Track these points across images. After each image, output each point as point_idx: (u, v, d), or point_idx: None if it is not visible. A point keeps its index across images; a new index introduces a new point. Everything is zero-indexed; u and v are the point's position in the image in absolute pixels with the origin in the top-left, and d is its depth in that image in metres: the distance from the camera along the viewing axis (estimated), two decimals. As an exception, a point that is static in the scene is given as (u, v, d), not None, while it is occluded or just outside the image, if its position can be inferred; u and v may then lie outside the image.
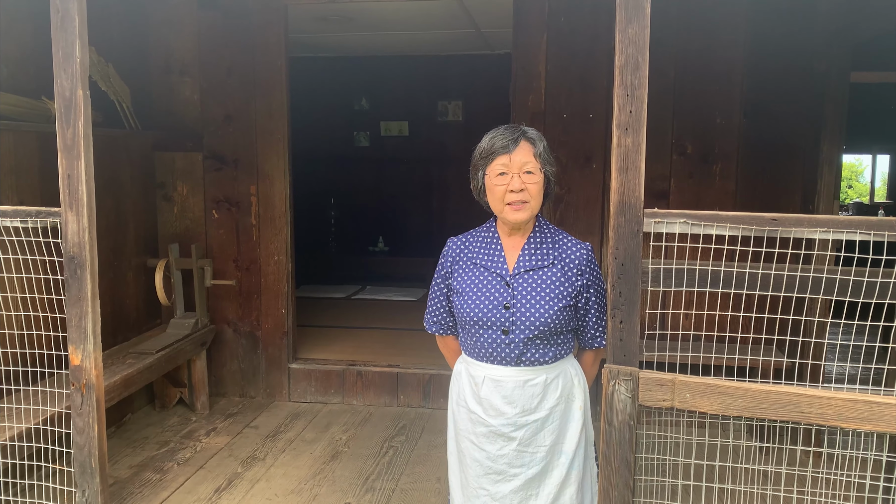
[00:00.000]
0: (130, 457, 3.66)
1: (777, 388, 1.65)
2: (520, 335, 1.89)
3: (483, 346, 1.95)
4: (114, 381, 3.34)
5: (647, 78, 1.74)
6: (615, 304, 1.79)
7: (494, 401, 1.95)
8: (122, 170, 4.10)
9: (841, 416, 1.62)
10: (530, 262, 1.94)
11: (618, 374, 1.78)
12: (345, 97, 8.07)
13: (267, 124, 4.31)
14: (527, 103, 4.05)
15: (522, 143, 1.90)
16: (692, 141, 3.96)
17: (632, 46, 1.73)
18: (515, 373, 1.93)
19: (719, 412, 1.70)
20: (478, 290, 1.95)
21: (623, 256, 1.78)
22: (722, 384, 1.69)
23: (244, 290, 4.45)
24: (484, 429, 1.97)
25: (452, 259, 2.05)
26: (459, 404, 2.06)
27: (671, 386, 1.74)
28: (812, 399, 1.63)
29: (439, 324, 2.14)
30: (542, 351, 1.93)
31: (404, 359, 4.59)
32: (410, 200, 8.13)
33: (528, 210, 1.90)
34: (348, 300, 6.72)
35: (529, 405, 1.93)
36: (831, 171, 3.54)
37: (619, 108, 1.75)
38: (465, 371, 2.05)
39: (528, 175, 1.89)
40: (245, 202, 4.39)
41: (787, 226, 1.71)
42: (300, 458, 3.67)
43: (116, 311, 4.04)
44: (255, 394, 4.52)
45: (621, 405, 1.79)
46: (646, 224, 1.77)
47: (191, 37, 4.33)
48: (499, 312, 1.91)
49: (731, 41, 3.86)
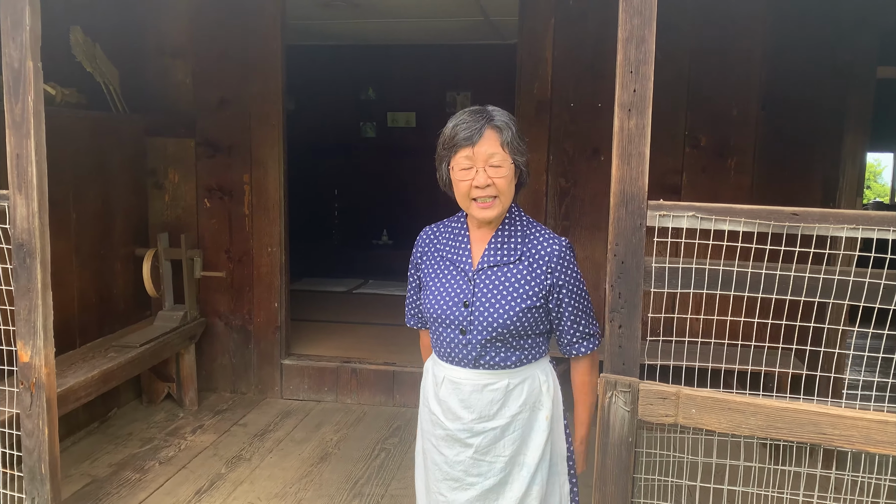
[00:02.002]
0: (111, 454, 3.51)
1: (795, 406, 1.46)
2: (477, 336, 1.73)
3: (442, 344, 1.81)
4: (91, 376, 3.19)
5: (653, 53, 1.55)
6: (614, 306, 1.60)
7: (451, 403, 1.79)
8: (111, 155, 3.95)
9: (869, 439, 1.42)
10: (495, 257, 1.76)
11: (615, 384, 1.59)
12: (351, 86, 7.89)
13: (262, 110, 4.14)
14: (532, 91, 3.86)
15: (487, 132, 1.68)
16: (706, 133, 3.75)
17: (636, 17, 1.54)
18: (474, 375, 1.76)
19: (729, 430, 1.51)
20: (440, 285, 1.80)
21: (623, 253, 1.59)
22: (732, 399, 1.50)
23: (236, 283, 4.29)
24: (441, 431, 1.82)
25: (422, 250, 1.90)
26: (424, 403, 1.92)
27: (675, 400, 1.55)
28: (835, 419, 1.44)
29: (416, 317, 2.00)
30: (504, 354, 1.75)
31: (401, 356, 4.41)
32: (416, 193, 7.93)
33: (498, 206, 1.71)
34: (349, 294, 6.55)
35: (487, 411, 1.76)
36: (854, 167, 3.33)
37: (622, 87, 1.57)
38: (431, 369, 1.91)
39: (494, 168, 1.68)
40: (238, 191, 4.23)
41: (809, 221, 1.52)
42: (287, 460, 3.51)
43: (102, 302, 3.89)
44: (247, 390, 4.36)
45: (619, 420, 1.60)
46: (650, 217, 1.58)
47: (184, 18, 4.16)
48: (458, 310, 1.75)
49: (750, 28, 3.65)
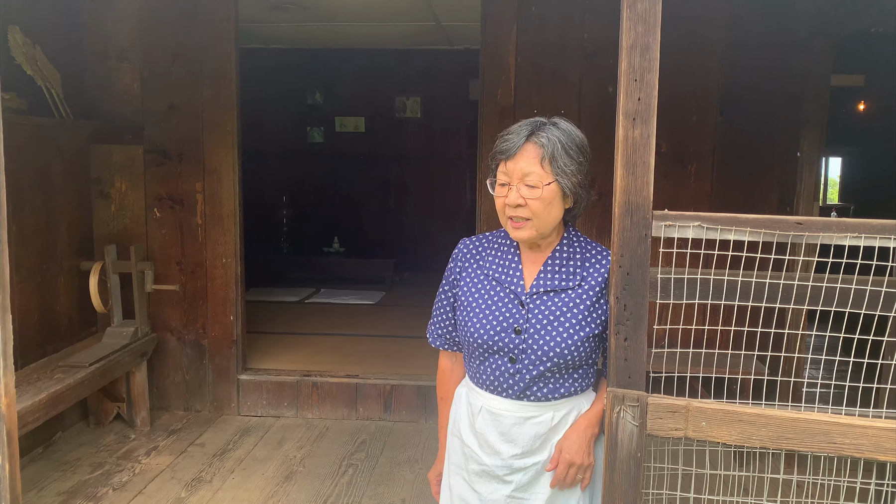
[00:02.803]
0: (59, 482, 3.29)
1: (806, 416, 1.45)
2: (529, 366, 1.60)
3: (485, 372, 1.66)
4: (39, 400, 2.98)
5: (657, 61, 1.52)
6: (619, 318, 1.57)
7: (490, 436, 1.66)
8: (52, 163, 3.72)
9: (879, 447, 1.42)
10: (552, 281, 1.63)
11: (623, 399, 1.56)
12: (297, 91, 7.74)
13: (215, 116, 3.98)
14: (496, 97, 3.83)
15: (527, 146, 1.56)
16: (667, 140, 3.80)
17: (641, 24, 1.50)
18: (517, 407, 1.64)
19: (740, 443, 1.49)
20: (485, 307, 1.65)
21: (629, 264, 1.55)
22: (743, 411, 1.48)
23: (189, 296, 4.11)
24: (476, 466, 1.68)
25: (461, 265, 1.73)
26: (453, 433, 1.76)
27: (684, 413, 1.52)
28: (845, 428, 1.43)
29: (443, 337, 1.80)
30: (554, 385, 1.63)
31: (363, 368, 4.31)
32: (367, 199, 7.84)
33: (532, 229, 1.58)
34: (302, 304, 6.39)
35: (531, 446, 1.64)
36: (811, 173, 3.42)
37: (626, 95, 1.53)
38: (465, 396, 1.75)
39: (527, 189, 1.55)
40: (190, 200, 4.05)
41: (813, 231, 1.51)
42: (251, 480, 3.36)
43: (45, 320, 3.65)
44: (202, 407, 4.17)
45: (627, 435, 1.56)
46: (655, 228, 1.55)
47: (131, 19, 3.97)
48: (507, 336, 1.61)
49: (708, 36, 3.72)
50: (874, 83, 7.37)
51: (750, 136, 3.74)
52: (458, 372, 1.84)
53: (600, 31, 3.73)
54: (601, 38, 3.74)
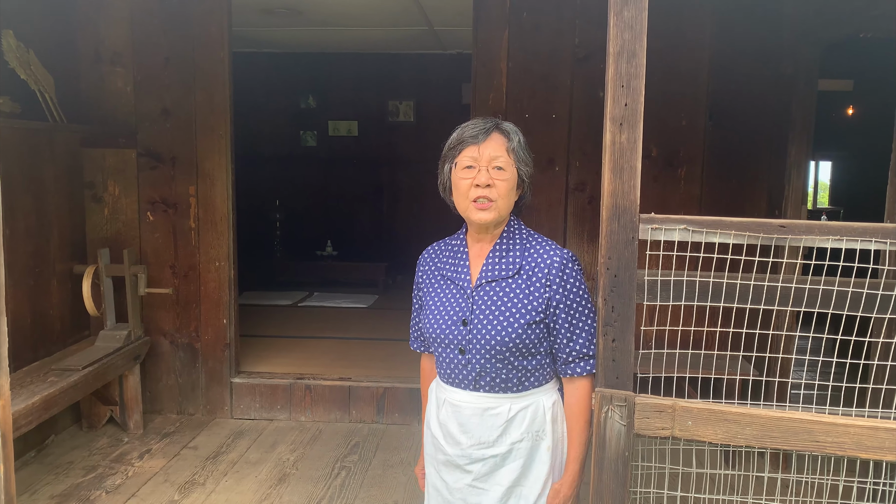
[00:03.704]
0: (52, 485, 3.30)
1: (789, 415, 1.48)
2: (476, 355, 1.67)
3: (442, 365, 1.76)
4: (32, 403, 2.98)
5: (644, 67, 1.56)
6: (607, 320, 1.60)
7: (451, 427, 1.74)
8: (45, 167, 3.73)
9: (860, 445, 1.46)
10: (494, 271, 1.70)
11: (611, 399, 1.59)
12: (291, 95, 7.75)
13: (208, 120, 4.00)
14: (487, 102, 3.86)
15: (494, 134, 1.67)
16: (656, 143, 3.84)
17: (627, 31, 1.54)
18: (474, 398, 1.71)
19: (725, 442, 1.52)
20: (439, 304, 1.75)
21: (616, 267, 1.58)
22: (728, 410, 1.51)
23: (182, 299, 4.12)
24: (442, 456, 1.78)
25: (423, 270, 1.86)
26: (427, 425, 1.87)
27: (671, 412, 1.55)
28: (828, 427, 1.47)
29: (419, 340, 1.94)
30: (505, 375, 1.68)
31: (356, 371, 4.33)
32: (359, 203, 7.86)
33: (495, 210, 1.65)
34: (295, 308, 6.39)
35: (487, 437, 1.70)
36: (799, 176, 3.46)
37: (613, 101, 1.56)
38: (434, 390, 1.85)
39: (497, 171, 1.65)
40: (183, 203, 4.06)
41: (796, 233, 1.54)
42: (244, 483, 3.37)
43: (38, 323, 3.66)
44: (194, 411, 4.18)
45: (615, 434, 1.59)
46: (642, 231, 1.58)
47: (123, 22, 3.98)
48: (456, 328, 1.70)
49: (698, 41, 3.76)
50: (863, 88, 7.44)
51: (739, 140, 3.78)
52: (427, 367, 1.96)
53: (591, 36, 3.77)
54: (592, 43, 3.77)
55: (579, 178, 3.89)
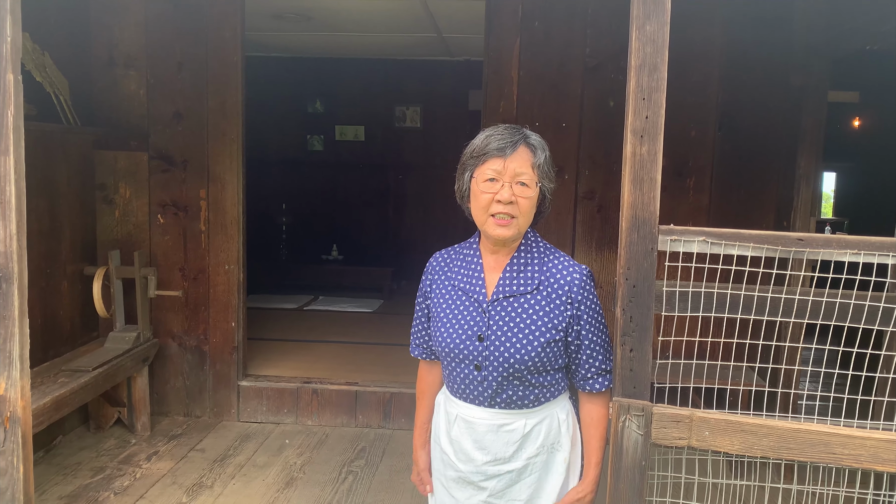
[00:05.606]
0: (61, 486, 3.31)
1: (806, 427, 1.50)
2: (493, 372, 1.63)
3: (456, 381, 1.71)
4: (43, 404, 3.00)
5: (665, 80, 1.58)
6: (625, 330, 1.61)
7: (464, 444, 1.70)
8: (58, 168, 3.75)
9: (876, 457, 1.47)
10: (511, 286, 1.65)
11: (629, 408, 1.60)
12: (298, 99, 7.78)
13: (220, 124, 4.02)
14: (498, 110, 3.88)
15: (521, 148, 1.60)
16: (666, 153, 3.82)
17: (650, 45, 1.56)
18: (489, 415, 1.67)
19: (742, 452, 1.54)
20: (452, 317, 1.69)
21: (635, 277, 1.60)
22: (745, 421, 1.53)
23: (191, 302, 4.13)
24: (453, 473, 1.74)
25: (431, 278, 1.80)
26: (434, 441, 1.83)
27: (688, 422, 1.57)
28: (845, 439, 1.48)
29: (420, 347, 1.88)
30: (522, 392, 1.65)
31: (363, 375, 4.34)
32: (366, 208, 7.88)
33: (514, 227, 1.61)
34: (300, 311, 6.41)
35: (503, 453, 1.67)
36: (808, 188, 3.48)
37: (634, 113, 1.58)
38: (443, 405, 1.81)
39: (520, 187, 1.59)
40: (194, 207, 4.08)
41: (814, 247, 1.56)
42: (251, 486, 3.38)
43: (48, 324, 3.68)
44: (202, 413, 4.19)
45: (632, 443, 1.60)
46: (661, 242, 1.60)
47: (137, 27, 4.01)
48: (472, 344, 1.65)
49: (707, 53, 3.78)
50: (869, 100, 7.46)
51: (748, 151, 3.80)
52: (434, 374, 1.91)
53: (602, 45, 3.79)
54: (603, 52, 3.80)
55: (588, 187, 3.91)
